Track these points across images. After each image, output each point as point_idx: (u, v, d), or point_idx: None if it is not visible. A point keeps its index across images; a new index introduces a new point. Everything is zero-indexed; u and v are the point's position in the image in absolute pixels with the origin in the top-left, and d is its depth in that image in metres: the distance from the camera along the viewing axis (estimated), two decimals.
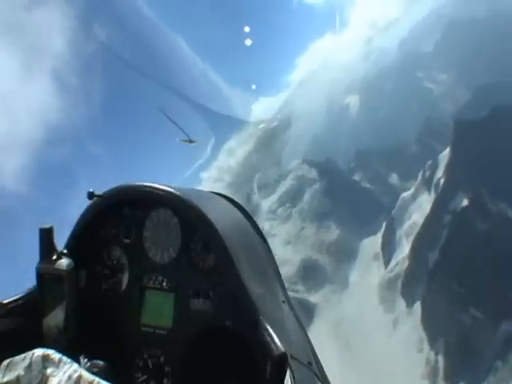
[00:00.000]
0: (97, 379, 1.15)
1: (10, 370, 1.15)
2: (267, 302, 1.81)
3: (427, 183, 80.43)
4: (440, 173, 76.94)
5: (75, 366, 1.17)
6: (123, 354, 1.84)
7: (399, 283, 69.92)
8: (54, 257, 1.74)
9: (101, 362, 1.38)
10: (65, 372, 1.13)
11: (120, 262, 1.96)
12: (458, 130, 74.22)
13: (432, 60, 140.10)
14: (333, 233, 70.91)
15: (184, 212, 1.81)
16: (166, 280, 1.89)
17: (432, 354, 54.97)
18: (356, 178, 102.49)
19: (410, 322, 61.46)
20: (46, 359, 1.16)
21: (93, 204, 1.91)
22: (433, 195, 76.14)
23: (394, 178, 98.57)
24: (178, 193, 1.80)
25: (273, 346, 1.49)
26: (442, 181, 74.56)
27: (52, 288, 1.73)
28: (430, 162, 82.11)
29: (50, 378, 1.11)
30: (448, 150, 77.51)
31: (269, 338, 1.53)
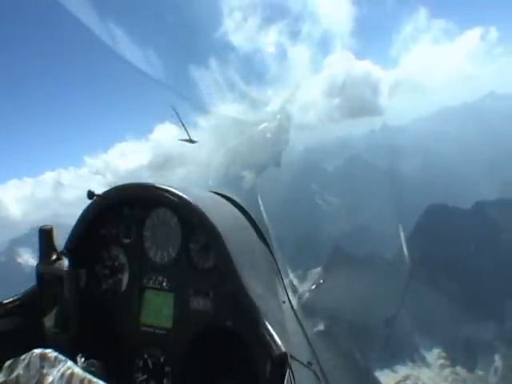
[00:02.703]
0: (88, 376, 1.16)
1: (11, 370, 1.18)
2: (267, 302, 1.81)
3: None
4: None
5: (69, 363, 1.19)
6: (123, 354, 1.86)
7: None
8: (54, 257, 1.77)
9: (96, 362, 1.43)
10: (58, 370, 1.16)
11: (120, 262, 1.95)
12: (334, 256, 79.36)
13: (329, 180, 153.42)
14: None
15: (184, 212, 1.81)
16: (165, 280, 1.88)
17: None
18: None
19: None
20: (43, 358, 1.18)
21: (93, 204, 1.91)
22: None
23: None
24: (178, 192, 1.80)
25: (273, 345, 1.51)
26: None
27: (52, 288, 1.77)
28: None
29: (46, 377, 1.15)
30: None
31: (269, 338, 1.54)
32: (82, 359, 1.41)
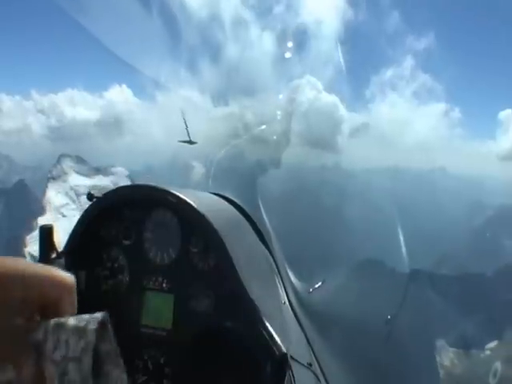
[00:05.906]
0: None
1: None
2: (267, 303, 1.87)
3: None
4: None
5: None
6: (123, 355, 1.89)
7: None
8: (54, 256, 1.78)
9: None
10: None
11: (120, 263, 1.99)
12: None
13: (273, 202, 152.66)
14: None
15: (184, 213, 1.86)
16: (165, 281, 1.92)
17: None
18: None
19: None
20: None
21: (93, 205, 1.95)
22: None
23: None
24: (178, 194, 1.85)
25: (273, 346, 1.55)
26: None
27: None
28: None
29: None
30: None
31: (269, 339, 1.58)
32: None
